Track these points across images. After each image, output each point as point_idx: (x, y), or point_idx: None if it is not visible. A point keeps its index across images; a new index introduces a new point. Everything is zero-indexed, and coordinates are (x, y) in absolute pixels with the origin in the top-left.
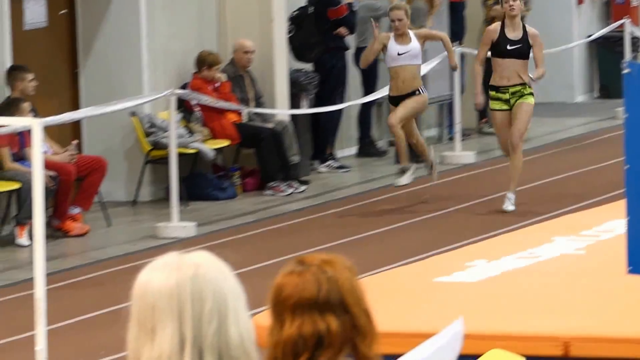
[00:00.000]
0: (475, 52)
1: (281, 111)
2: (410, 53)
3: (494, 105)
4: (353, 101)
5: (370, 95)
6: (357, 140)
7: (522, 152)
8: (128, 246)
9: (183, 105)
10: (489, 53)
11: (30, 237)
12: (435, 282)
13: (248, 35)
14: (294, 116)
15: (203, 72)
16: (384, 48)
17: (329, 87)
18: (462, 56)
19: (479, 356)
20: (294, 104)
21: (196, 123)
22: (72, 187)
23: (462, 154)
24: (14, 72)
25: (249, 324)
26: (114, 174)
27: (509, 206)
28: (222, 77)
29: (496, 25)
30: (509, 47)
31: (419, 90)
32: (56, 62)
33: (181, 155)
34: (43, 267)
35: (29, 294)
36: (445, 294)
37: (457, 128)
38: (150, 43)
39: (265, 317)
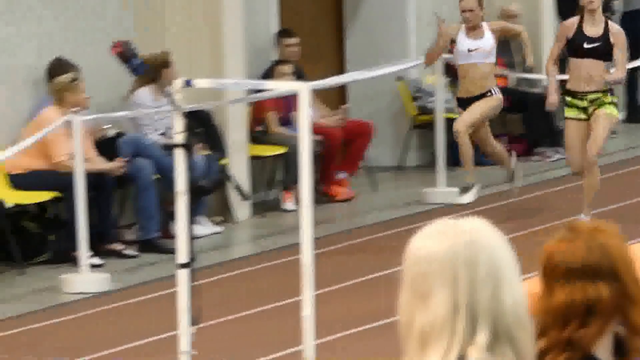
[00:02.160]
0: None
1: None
2: (483, 50)
3: (569, 112)
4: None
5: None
6: (625, 105)
7: (599, 167)
8: (393, 211)
9: (450, 70)
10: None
11: (296, 201)
12: None
13: None
14: None
15: None
16: (453, 42)
17: None
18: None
19: None
20: (562, 69)
21: None
22: (338, 152)
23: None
24: (280, 36)
25: (522, 291)
26: (379, 138)
27: None
28: None
29: (574, 20)
30: (586, 46)
31: (490, 91)
32: (322, 26)
33: (448, 120)
34: (311, 232)
35: (294, 259)
36: None
37: None
38: (416, 6)
39: (535, 284)
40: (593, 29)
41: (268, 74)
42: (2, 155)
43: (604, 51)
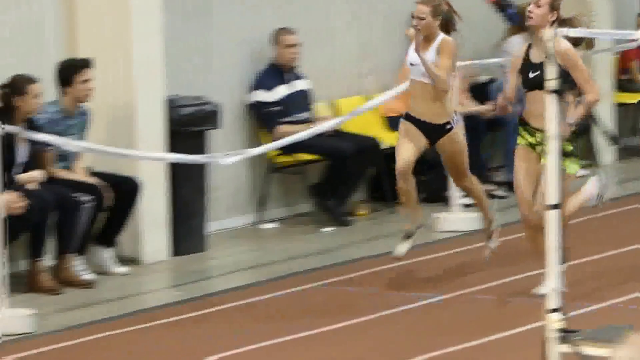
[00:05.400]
0: None
1: None
2: (421, 67)
3: (519, 139)
4: None
5: None
6: None
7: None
8: None
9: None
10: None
11: None
12: None
13: None
14: None
15: None
16: None
17: None
18: None
19: None
20: None
21: None
22: None
23: None
24: None
25: None
26: None
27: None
28: None
29: (524, 46)
30: (530, 75)
31: (450, 122)
32: None
33: None
34: None
35: None
36: None
37: None
38: None
39: None
40: (537, 53)
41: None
42: (379, 99)
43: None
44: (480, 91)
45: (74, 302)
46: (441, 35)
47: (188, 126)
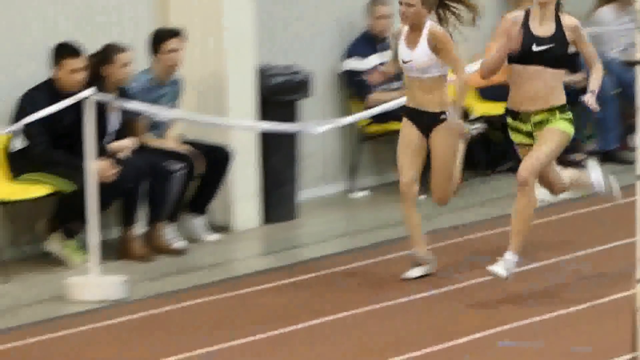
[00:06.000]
0: None
1: None
2: (414, 63)
3: (514, 137)
4: None
5: None
6: None
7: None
8: None
9: None
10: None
11: None
12: None
13: None
14: None
15: None
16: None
17: None
18: None
19: None
20: None
21: None
22: None
23: None
24: None
25: None
26: None
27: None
28: None
29: (518, 14)
30: (535, 48)
31: (445, 112)
32: None
33: None
34: None
35: None
36: None
37: None
38: None
39: None
40: (542, 27)
41: None
42: (472, 66)
43: (559, 54)
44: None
45: (165, 269)
46: (428, 24)
47: (279, 95)
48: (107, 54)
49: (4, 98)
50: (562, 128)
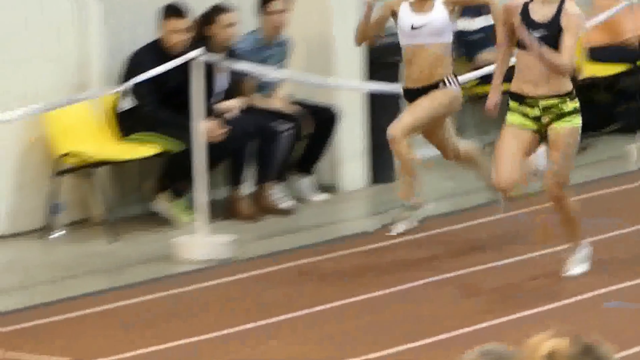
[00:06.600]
0: None
1: None
2: (431, 27)
3: (511, 118)
4: None
5: None
6: None
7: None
8: None
9: None
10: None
11: None
12: None
13: None
14: None
15: None
16: (395, 15)
17: None
18: None
19: None
20: None
21: None
22: None
23: None
24: None
25: None
26: None
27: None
28: None
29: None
30: (533, 35)
31: (444, 81)
32: None
33: None
34: None
35: None
36: None
37: None
38: None
39: None
40: (541, 11)
41: None
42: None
43: (552, 41)
44: None
45: (272, 229)
46: None
47: (386, 56)
48: (211, 15)
49: (117, 57)
50: (570, 125)
